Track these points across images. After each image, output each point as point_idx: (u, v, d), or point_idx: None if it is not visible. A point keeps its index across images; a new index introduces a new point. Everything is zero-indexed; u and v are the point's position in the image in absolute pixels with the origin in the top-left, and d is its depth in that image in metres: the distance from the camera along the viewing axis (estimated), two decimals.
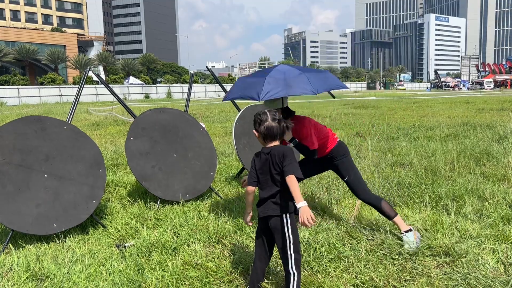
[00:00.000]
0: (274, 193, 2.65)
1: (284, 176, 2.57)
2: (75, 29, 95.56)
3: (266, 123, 2.68)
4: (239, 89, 3.54)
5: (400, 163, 6.76)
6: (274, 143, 2.71)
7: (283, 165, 2.59)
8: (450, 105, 21.66)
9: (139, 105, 31.09)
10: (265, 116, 2.70)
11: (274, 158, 2.63)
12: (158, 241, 3.74)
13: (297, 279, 2.59)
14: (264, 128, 2.68)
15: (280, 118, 2.72)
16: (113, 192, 5.59)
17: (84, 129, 13.37)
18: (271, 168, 2.64)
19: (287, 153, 2.62)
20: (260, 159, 2.71)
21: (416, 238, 3.54)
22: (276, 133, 2.69)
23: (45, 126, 4.15)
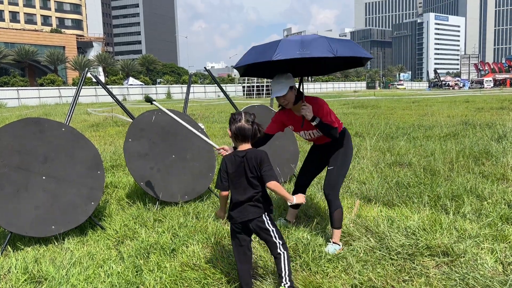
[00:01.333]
0: (251, 196, 2.72)
1: (264, 182, 2.66)
2: (74, 30, 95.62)
3: (239, 123, 2.73)
4: (252, 55, 3.29)
5: (399, 163, 6.76)
6: (245, 145, 2.76)
7: (261, 170, 2.66)
8: (449, 104, 21.66)
9: (139, 106, 31.10)
10: (239, 117, 2.75)
11: (250, 161, 2.69)
12: (156, 243, 3.74)
13: (287, 256, 2.79)
14: (236, 128, 2.73)
15: (253, 121, 2.75)
16: (112, 193, 5.59)
17: (83, 130, 13.38)
18: (247, 171, 2.70)
19: (264, 158, 2.69)
20: (234, 161, 2.74)
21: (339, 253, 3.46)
22: (248, 134, 2.73)
23: (43, 128, 4.15)
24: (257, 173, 2.69)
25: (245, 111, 2.83)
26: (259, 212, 2.75)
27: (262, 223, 2.76)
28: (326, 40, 3.06)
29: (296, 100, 3.53)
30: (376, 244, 3.58)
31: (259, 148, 2.88)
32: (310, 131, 3.66)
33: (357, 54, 3.15)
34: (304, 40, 3.09)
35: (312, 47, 3.00)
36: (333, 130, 3.50)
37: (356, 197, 4.99)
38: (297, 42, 3.06)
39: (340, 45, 3.07)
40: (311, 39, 3.09)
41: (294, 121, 3.68)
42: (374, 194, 4.98)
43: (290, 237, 3.73)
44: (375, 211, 4.41)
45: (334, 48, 2.96)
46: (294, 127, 3.74)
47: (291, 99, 3.50)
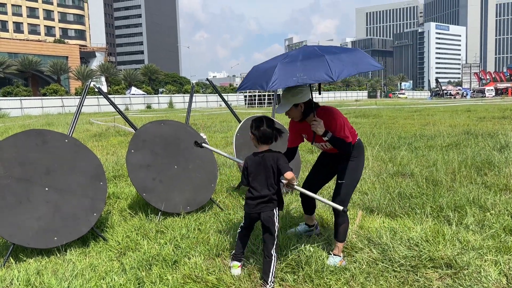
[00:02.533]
0: (265, 194, 3.11)
1: (282, 173, 3.05)
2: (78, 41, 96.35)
3: (262, 127, 3.12)
4: (251, 78, 3.20)
5: (401, 173, 6.75)
6: (265, 147, 3.17)
7: (278, 165, 3.07)
8: (451, 114, 21.66)
9: (141, 115, 31.20)
10: (261, 123, 3.14)
11: (268, 161, 3.10)
12: (158, 254, 3.73)
13: (276, 259, 3.14)
14: (260, 132, 3.12)
15: (274, 126, 3.15)
16: (114, 204, 5.59)
17: (85, 140, 13.41)
18: (264, 169, 3.10)
19: (280, 156, 3.12)
20: (254, 160, 3.15)
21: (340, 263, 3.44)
22: (270, 138, 3.14)
23: (46, 139, 4.17)
24: (273, 170, 3.08)
25: (266, 116, 3.20)
26: (272, 207, 3.13)
27: (272, 216, 3.13)
28: (326, 61, 2.87)
29: (305, 114, 3.44)
30: (379, 255, 3.57)
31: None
32: (322, 143, 3.58)
33: (360, 71, 2.99)
34: (304, 61, 2.95)
35: (310, 71, 2.85)
36: (345, 145, 3.40)
37: (358, 207, 4.97)
38: (295, 65, 2.93)
39: (342, 63, 2.91)
40: (312, 59, 2.95)
41: (307, 131, 3.58)
42: (376, 205, 4.97)
43: (292, 248, 3.71)
44: (378, 222, 4.39)
45: (334, 71, 2.80)
46: (308, 137, 3.65)
47: (295, 115, 3.45)
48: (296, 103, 3.37)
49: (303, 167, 7.55)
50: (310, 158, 8.68)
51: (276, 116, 6.41)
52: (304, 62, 2.95)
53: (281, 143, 3.77)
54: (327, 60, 2.87)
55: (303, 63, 2.94)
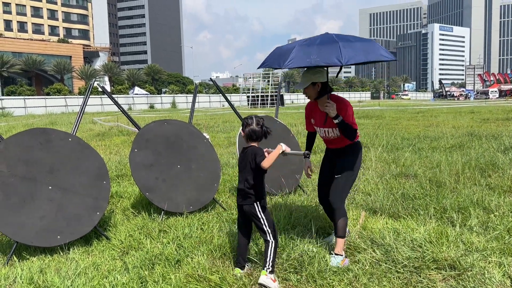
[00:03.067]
0: (246, 185, 3.24)
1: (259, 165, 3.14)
2: (81, 40, 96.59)
3: (251, 126, 3.25)
4: (271, 57, 3.55)
5: (404, 174, 6.73)
6: (254, 143, 3.28)
7: (256, 160, 3.17)
8: (455, 115, 21.60)
9: (144, 115, 31.25)
10: (251, 121, 3.27)
11: (248, 156, 3.24)
12: (161, 253, 3.73)
13: (274, 245, 3.21)
14: (248, 130, 3.25)
15: (263, 124, 3.27)
16: (117, 203, 5.60)
17: (89, 140, 13.44)
18: (247, 163, 3.24)
19: (257, 151, 3.23)
20: (240, 156, 3.33)
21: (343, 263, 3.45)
22: (258, 135, 3.26)
23: (50, 138, 4.18)
24: (251, 166, 3.21)
25: (256, 116, 3.32)
26: (252, 200, 3.23)
27: (254, 210, 3.24)
28: (338, 46, 3.17)
29: (320, 95, 3.67)
30: (382, 256, 3.56)
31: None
32: (330, 128, 3.72)
33: (370, 59, 3.28)
34: (320, 45, 3.25)
35: (323, 54, 3.17)
36: (352, 131, 3.60)
37: (361, 208, 4.96)
38: (312, 48, 3.24)
39: (353, 51, 3.19)
40: (327, 44, 3.24)
41: (317, 115, 3.82)
42: (379, 206, 4.96)
43: (295, 249, 3.71)
44: (381, 223, 4.38)
45: (344, 56, 3.10)
46: (316, 121, 3.85)
47: (311, 93, 3.69)
48: (314, 82, 3.62)
49: None
50: (313, 159, 8.67)
51: (279, 116, 6.41)
52: (319, 46, 3.25)
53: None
54: (340, 46, 3.18)
55: (319, 47, 3.25)
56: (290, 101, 68.43)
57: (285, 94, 64.29)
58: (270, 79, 52.09)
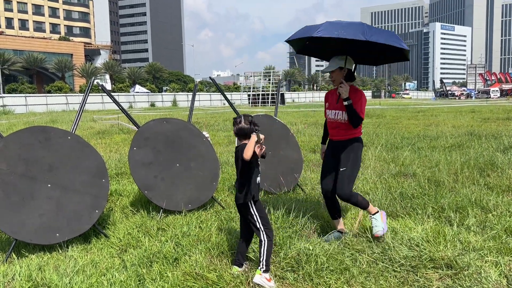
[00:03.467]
0: (240, 182, 3.31)
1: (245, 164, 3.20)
2: (82, 38, 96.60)
3: (239, 124, 3.32)
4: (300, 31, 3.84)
5: (403, 174, 6.74)
6: (245, 141, 3.31)
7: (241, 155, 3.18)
8: (455, 114, 21.58)
9: (145, 113, 31.26)
10: (239, 119, 3.35)
11: (238, 153, 3.29)
12: (159, 251, 3.75)
13: (268, 244, 3.22)
14: (236, 128, 3.34)
15: (251, 121, 3.33)
16: (116, 201, 5.61)
17: (89, 138, 13.46)
18: (236, 163, 3.31)
19: (243, 147, 3.21)
20: (235, 155, 3.36)
21: (383, 221, 3.85)
22: (246, 132, 3.29)
23: (49, 136, 4.19)
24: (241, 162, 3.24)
25: (245, 114, 3.43)
26: (244, 198, 3.27)
27: (248, 209, 3.29)
28: (363, 26, 3.56)
29: (346, 79, 3.93)
30: (379, 255, 3.57)
31: None
32: (339, 111, 3.95)
33: (389, 43, 3.51)
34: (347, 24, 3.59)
35: (350, 30, 3.48)
36: (358, 118, 3.83)
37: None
38: (340, 24, 3.59)
39: (376, 32, 3.50)
40: (353, 25, 3.58)
41: (332, 98, 4.07)
42: (377, 205, 4.97)
43: (292, 247, 3.72)
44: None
45: (368, 34, 3.43)
46: (329, 104, 4.11)
47: (337, 77, 3.94)
48: (342, 66, 3.89)
49: (305, 166, 7.55)
50: (312, 157, 8.68)
51: (278, 115, 6.41)
52: (348, 24, 3.61)
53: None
54: (365, 26, 3.56)
55: (347, 24, 3.61)
56: (291, 99, 68.39)
57: (285, 93, 64.22)
58: (271, 77, 52.00)
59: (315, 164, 7.98)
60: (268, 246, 3.21)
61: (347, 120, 3.90)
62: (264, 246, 3.21)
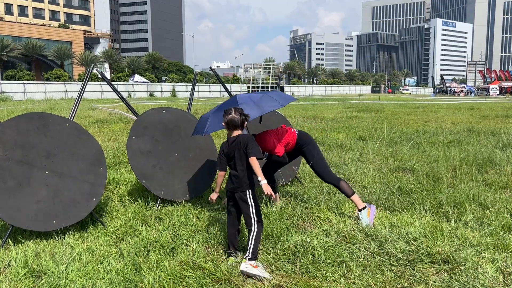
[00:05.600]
0: (238, 173, 3.40)
1: (248, 158, 3.33)
2: (82, 26, 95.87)
3: (230, 115, 3.43)
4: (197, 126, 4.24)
5: (402, 168, 6.74)
6: (236, 131, 3.45)
7: (246, 149, 3.34)
8: (454, 111, 21.58)
9: (143, 103, 31.15)
10: (230, 111, 3.46)
11: (239, 144, 3.37)
12: (156, 241, 3.74)
13: (257, 232, 3.31)
14: (227, 119, 3.43)
15: (241, 112, 3.46)
16: (114, 190, 5.60)
17: (87, 126, 13.41)
18: (237, 152, 3.39)
19: (249, 140, 3.39)
20: (227, 146, 3.46)
21: (371, 215, 4.11)
22: (237, 123, 3.42)
23: (47, 123, 4.16)
24: (244, 153, 3.36)
25: (235, 107, 3.54)
26: (245, 187, 3.38)
27: (245, 195, 3.39)
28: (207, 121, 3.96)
29: None
30: (377, 249, 3.57)
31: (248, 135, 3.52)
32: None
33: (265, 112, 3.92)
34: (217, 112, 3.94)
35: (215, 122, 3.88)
36: (281, 158, 4.53)
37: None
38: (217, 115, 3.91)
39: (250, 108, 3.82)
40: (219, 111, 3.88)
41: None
42: (375, 199, 4.97)
43: (289, 239, 3.72)
44: (377, 216, 4.39)
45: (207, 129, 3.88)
46: None
47: None
48: None
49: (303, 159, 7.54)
50: None
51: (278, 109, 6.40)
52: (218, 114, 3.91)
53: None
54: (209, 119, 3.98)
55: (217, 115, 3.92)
56: (290, 92, 68.26)
57: (285, 86, 64.05)
58: (271, 70, 51.82)
59: None
60: (257, 235, 3.29)
61: None
62: (253, 235, 3.28)
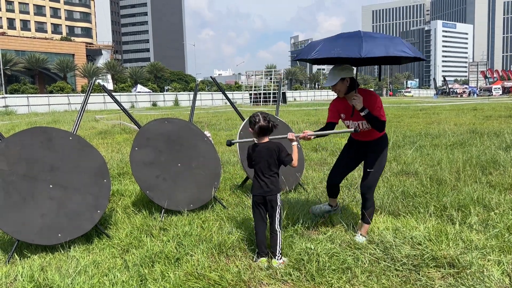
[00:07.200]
0: (269, 177, 3.52)
1: (283, 164, 3.55)
2: (84, 38, 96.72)
3: (259, 123, 3.50)
4: (329, 48, 3.56)
5: (405, 172, 6.72)
6: (265, 138, 3.57)
7: (280, 156, 3.50)
8: (457, 112, 21.52)
9: (147, 113, 31.28)
10: (257, 118, 3.52)
11: (269, 150, 3.51)
12: (161, 251, 3.75)
13: (280, 235, 3.55)
14: (258, 127, 3.50)
15: (269, 119, 3.53)
16: (118, 201, 5.62)
17: (91, 138, 13.48)
18: (266, 159, 3.51)
19: (281, 147, 3.53)
20: (256, 150, 3.57)
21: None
22: (267, 130, 3.53)
23: (50, 137, 4.19)
24: (275, 159, 3.51)
25: (261, 112, 3.59)
26: (276, 191, 3.53)
27: (276, 199, 3.53)
28: (361, 40, 3.38)
29: (349, 90, 3.87)
30: (381, 254, 3.56)
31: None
32: (358, 121, 3.92)
33: (389, 54, 3.38)
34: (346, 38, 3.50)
35: (346, 47, 3.41)
36: (380, 122, 3.80)
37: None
38: (337, 42, 3.51)
39: (375, 45, 3.36)
40: (350, 38, 3.47)
41: (346, 109, 4.00)
42: (379, 204, 4.96)
43: (294, 247, 3.72)
44: (381, 220, 4.39)
45: (364, 49, 3.30)
46: (345, 116, 4.04)
47: (341, 89, 3.88)
48: (343, 77, 3.82)
49: (306, 165, 7.54)
50: (314, 156, 8.67)
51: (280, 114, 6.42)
52: (344, 39, 3.51)
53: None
54: (362, 40, 3.39)
55: (344, 40, 3.50)
56: (292, 98, 68.37)
57: (287, 92, 64.20)
58: (272, 76, 51.95)
59: (317, 163, 7.97)
60: (280, 236, 3.53)
61: (370, 128, 3.90)
62: (279, 237, 3.50)
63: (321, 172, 7.11)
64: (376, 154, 4.00)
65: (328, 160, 8.07)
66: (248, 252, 3.73)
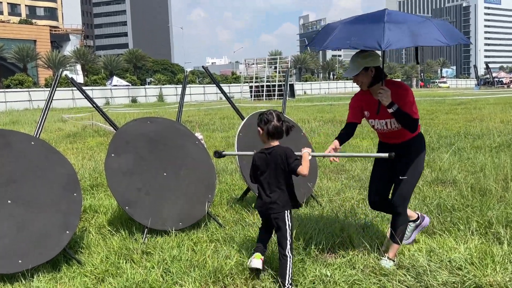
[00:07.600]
0: (274, 190, 3.52)
1: (294, 172, 3.47)
2: (48, 21, 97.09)
3: (273, 122, 3.46)
4: (344, 36, 3.53)
5: (441, 181, 6.73)
6: (275, 142, 3.53)
7: (288, 163, 3.45)
8: (503, 107, 21.54)
9: (125, 111, 31.38)
10: (271, 116, 3.48)
11: (276, 157, 3.48)
12: (144, 281, 3.75)
13: (291, 260, 3.51)
14: (272, 127, 3.45)
15: (284, 119, 3.51)
16: (91, 219, 5.63)
17: (57, 142, 13.53)
18: (272, 166, 3.50)
19: (289, 152, 3.49)
20: (261, 157, 3.56)
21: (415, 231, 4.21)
22: (281, 132, 3.50)
23: (8, 142, 4.21)
24: (283, 167, 3.47)
25: (274, 110, 3.57)
26: (281, 208, 3.51)
27: (283, 217, 3.52)
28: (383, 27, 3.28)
29: (374, 81, 3.82)
30: (413, 281, 3.56)
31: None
32: (385, 120, 3.89)
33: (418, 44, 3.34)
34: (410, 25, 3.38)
35: (364, 35, 3.35)
36: (412, 120, 3.72)
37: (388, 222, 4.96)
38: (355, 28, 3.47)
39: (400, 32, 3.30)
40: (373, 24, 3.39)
41: (370, 106, 3.96)
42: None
43: (306, 273, 3.72)
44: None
45: (386, 40, 3.21)
46: (370, 114, 4.01)
47: (364, 80, 3.84)
48: (366, 66, 3.76)
49: (320, 173, 7.55)
50: (329, 162, 8.65)
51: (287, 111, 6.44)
52: (365, 25, 3.46)
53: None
54: (385, 27, 3.29)
55: (364, 26, 3.45)
56: (302, 91, 68.50)
57: (296, 84, 64.28)
58: (278, 65, 51.93)
59: (333, 171, 7.98)
60: (291, 262, 3.49)
61: (400, 127, 3.84)
62: (289, 262, 3.47)
63: (338, 181, 7.12)
64: (409, 158, 3.91)
65: (347, 167, 8.08)
66: (249, 280, 3.73)
